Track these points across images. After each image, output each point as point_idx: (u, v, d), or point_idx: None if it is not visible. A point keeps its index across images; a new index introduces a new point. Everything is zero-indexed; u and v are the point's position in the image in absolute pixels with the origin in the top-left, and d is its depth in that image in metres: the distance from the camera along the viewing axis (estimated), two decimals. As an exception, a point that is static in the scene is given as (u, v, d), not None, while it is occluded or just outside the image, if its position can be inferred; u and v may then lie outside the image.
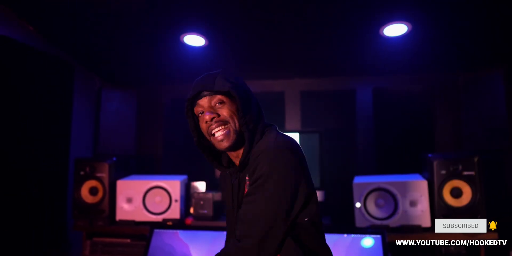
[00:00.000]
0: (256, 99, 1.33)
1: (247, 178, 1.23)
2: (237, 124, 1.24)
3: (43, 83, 2.60)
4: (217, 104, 1.25)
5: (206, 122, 1.24)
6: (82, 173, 2.75)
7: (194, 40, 2.81)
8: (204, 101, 1.26)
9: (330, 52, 3.02)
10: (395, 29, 2.60)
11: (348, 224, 2.62)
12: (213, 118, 1.23)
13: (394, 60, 3.03)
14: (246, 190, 1.24)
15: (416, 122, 3.28)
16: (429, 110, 3.28)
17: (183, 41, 2.81)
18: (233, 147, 1.26)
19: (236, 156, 1.31)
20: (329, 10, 2.44)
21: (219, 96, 1.25)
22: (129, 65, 3.28)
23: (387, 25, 2.55)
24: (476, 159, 2.42)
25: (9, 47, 2.32)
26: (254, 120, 1.25)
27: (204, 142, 1.34)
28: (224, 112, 1.24)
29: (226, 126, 1.24)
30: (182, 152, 3.52)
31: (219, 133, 1.23)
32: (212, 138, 1.26)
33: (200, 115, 1.28)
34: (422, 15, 2.47)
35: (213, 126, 1.23)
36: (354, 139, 3.35)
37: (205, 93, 1.25)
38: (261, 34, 2.79)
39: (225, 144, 1.23)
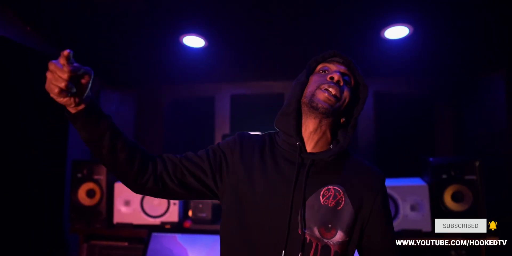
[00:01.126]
0: None
1: (332, 187, 1.09)
2: (344, 106, 1.12)
3: (42, 84, 2.57)
4: (348, 77, 1.15)
5: (332, 78, 1.10)
6: (79, 175, 2.72)
7: (194, 41, 2.79)
8: (340, 67, 1.15)
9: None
10: (397, 32, 2.58)
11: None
12: (339, 81, 1.10)
13: (395, 62, 3.01)
14: (327, 198, 1.08)
15: (416, 125, 3.26)
16: (429, 113, 3.26)
17: (183, 42, 2.79)
18: (327, 113, 1.09)
19: (314, 130, 1.13)
20: (330, 12, 2.42)
21: (353, 77, 1.17)
22: (128, 66, 3.25)
23: (389, 28, 2.53)
24: (477, 164, 2.40)
25: (8, 48, 2.29)
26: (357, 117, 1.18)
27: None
28: (347, 90, 1.12)
29: (340, 96, 1.10)
30: (182, 153, 3.48)
31: (332, 90, 1.08)
32: (317, 91, 1.09)
33: (321, 72, 1.17)
34: (424, 17, 2.45)
35: (332, 84, 1.09)
36: (354, 142, 3.33)
37: (345, 63, 1.18)
38: (261, 35, 2.76)
39: (324, 104, 1.07)
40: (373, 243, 1.13)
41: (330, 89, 1.09)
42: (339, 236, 1.05)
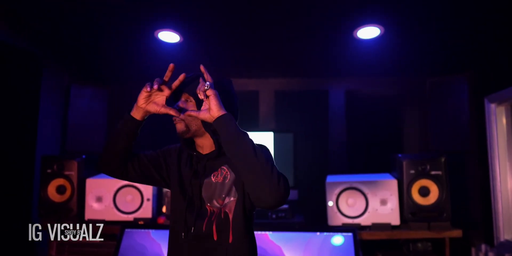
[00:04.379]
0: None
1: (219, 168, 1.32)
2: (191, 122, 1.33)
3: (9, 76, 2.48)
4: (184, 100, 1.35)
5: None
6: (49, 171, 2.65)
7: (169, 36, 2.77)
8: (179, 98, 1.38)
9: (304, 53, 3.06)
10: (369, 32, 2.67)
11: (321, 223, 2.66)
12: (174, 117, 1.34)
13: (367, 62, 3.11)
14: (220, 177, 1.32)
15: (386, 124, 3.38)
16: (398, 112, 3.39)
17: (158, 37, 2.76)
18: (184, 136, 1.34)
19: (201, 143, 1.37)
20: (304, 10, 2.47)
21: (186, 95, 1.35)
22: (101, 61, 3.19)
23: (361, 28, 2.61)
24: (443, 159, 2.52)
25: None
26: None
27: None
28: (187, 110, 1.31)
29: (183, 122, 1.33)
30: (154, 149, 3.44)
31: (176, 126, 1.35)
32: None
33: None
34: (394, 18, 2.54)
35: (175, 122, 1.35)
36: (326, 139, 3.41)
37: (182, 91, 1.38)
38: (237, 32, 2.78)
39: (178, 134, 1.35)
40: None
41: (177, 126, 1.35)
42: (227, 200, 1.29)
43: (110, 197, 2.66)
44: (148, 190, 2.67)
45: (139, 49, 2.98)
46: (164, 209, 2.73)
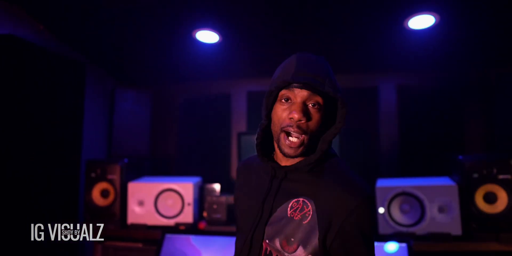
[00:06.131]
0: None
1: (301, 199, 1.05)
2: (314, 136, 1.07)
3: (54, 83, 2.54)
4: (311, 105, 1.06)
5: (291, 118, 1.04)
6: (93, 175, 2.69)
7: (207, 36, 2.69)
8: (302, 93, 1.05)
9: (350, 47, 2.85)
10: (421, 21, 2.41)
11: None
12: (300, 120, 1.04)
13: (420, 55, 2.83)
14: (289, 207, 1.06)
15: (444, 121, 3.06)
16: (458, 108, 3.05)
17: (196, 37, 2.70)
18: (297, 156, 1.08)
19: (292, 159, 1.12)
20: (350, 2, 2.28)
21: (319, 98, 1.05)
22: (141, 63, 3.20)
23: (413, 17, 2.37)
24: (512, 162, 2.22)
25: (17, 46, 2.26)
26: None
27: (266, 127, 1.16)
28: (314, 119, 1.05)
29: (304, 135, 1.05)
30: (197, 153, 3.41)
31: (293, 139, 1.05)
32: (282, 137, 1.07)
33: (283, 101, 1.08)
34: (450, 5, 2.27)
35: (292, 128, 1.04)
36: (376, 139, 3.16)
37: (307, 86, 1.04)
38: (278, 29, 2.65)
39: (290, 153, 1.06)
40: None
41: (292, 138, 1.06)
42: (300, 251, 1.00)
43: (151, 201, 2.64)
44: (188, 194, 2.62)
45: (178, 50, 2.94)
46: (205, 214, 2.66)
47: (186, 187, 2.63)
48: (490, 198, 2.23)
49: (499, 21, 2.37)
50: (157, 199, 2.64)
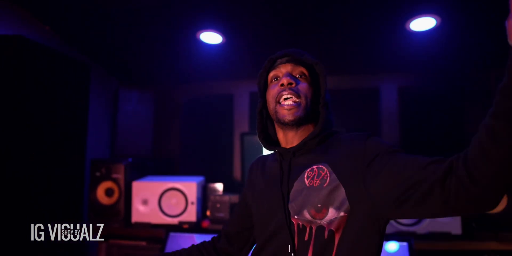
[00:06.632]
0: None
1: (315, 167, 1.06)
2: (309, 102, 1.11)
3: (59, 83, 2.57)
4: (298, 76, 1.15)
5: (282, 85, 1.11)
6: (98, 174, 2.72)
7: (211, 37, 2.73)
8: (286, 67, 1.16)
9: (352, 48, 2.88)
10: (423, 23, 2.45)
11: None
12: (291, 83, 1.11)
13: (421, 56, 2.86)
14: (304, 178, 1.07)
15: (444, 122, 3.10)
16: (458, 109, 3.09)
17: (200, 38, 2.73)
18: (297, 123, 1.11)
19: (294, 136, 1.15)
20: (351, 3, 2.32)
21: (303, 68, 1.16)
22: (145, 64, 3.23)
23: (414, 19, 2.40)
24: None
25: (24, 47, 2.29)
26: (329, 104, 1.15)
27: (264, 113, 1.24)
28: (304, 85, 1.13)
29: (298, 99, 1.10)
30: (200, 152, 3.45)
31: (288, 101, 1.10)
32: (278, 107, 1.12)
33: (274, 81, 1.18)
34: (452, 7, 2.30)
35: (285, 92, 1.10)
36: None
37: (290, 59, 1.17)
38: (280, 31, 2.68)
39: (289, 117, 1.09)
40: (405, 178, 0.91)
41: (287, 102, 1.10)
42: (331, 214, 0.98)
43: (155, 200, 2.67)
44: (192, 194, 2.65)
45: (182, 51, 2.98)
46: (208, 213, 2.69)
47: (190, 187, 2.66)
48: (490, 198, 2.26)
49: (498, 24, 2.40)
50: (161, 198, 2.67)
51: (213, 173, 3.20)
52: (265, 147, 1.20)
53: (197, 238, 2.45)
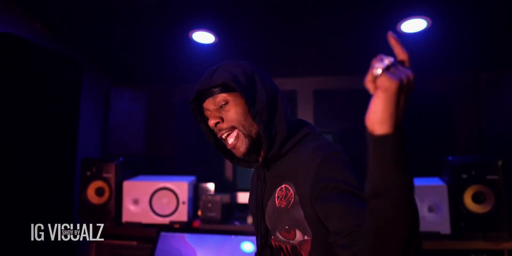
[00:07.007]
0: (273, 87, 1.13)
1: (284, 186, 1.04)
2: (246, 125, 1.06)
3: (51, 81, 2.54)
4: (222, 105, 1.07)
5: (213, 127, 1.09)
6: (88, 173, 2.70)
7: (204, 37, 2.72)
8: (207, 104, 1.09)
9: (344, 49, 2.90)
10: (414, 25, 2.47)
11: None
12: (217, 123, 1.07)
13: (412, 57, 2.87)
14: (275, 194, 1.06)
15: (435, 123, 3.13)
16: (448, 110, 3.12)
17: (192, 38, 2.73)
18: (248, 154, 1.09)
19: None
20: (344, 5, 2.33)
21: (222, 95, 1.06)
22: (137, 63, 3.22)
23: (405, 20, 2.42)
24: (500, 163, 2.27)
25: (14, 44, 2.26)
26: (266, 108, 1.05)
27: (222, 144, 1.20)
28: (230, 114, 1.06)
29: (233, 130, 1.07)
30: (192, 152, 3.44)
31: (230, 140, 1.07)
32: (223, 141, 1.11)
33: (207, 116, 1.14)
34: (443, 9, 2.33)
35: (219, 133, 1.09)
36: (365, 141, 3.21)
37: (206, 93, 1.09)
38: (273, 30, 2.68)
39: (240, 151, 1.07)
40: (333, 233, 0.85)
41: (229, 141, 1.09)
42: (298, 235, 0.98)
43: (146, 200, 2.66)
44: (183, 193, 2.64)
45: (175, 50, 2.97)
46: (199, 213, 2.69)
47: (181, 186, 2.66)
48: (478, 198, 2.29)
49: (489, 26, 2.43)
50: (152, 198, 2.67)
51: (205, 172, 3.19)
52: (236, 164, 1.23)
53: (188, 238, 2.45)
